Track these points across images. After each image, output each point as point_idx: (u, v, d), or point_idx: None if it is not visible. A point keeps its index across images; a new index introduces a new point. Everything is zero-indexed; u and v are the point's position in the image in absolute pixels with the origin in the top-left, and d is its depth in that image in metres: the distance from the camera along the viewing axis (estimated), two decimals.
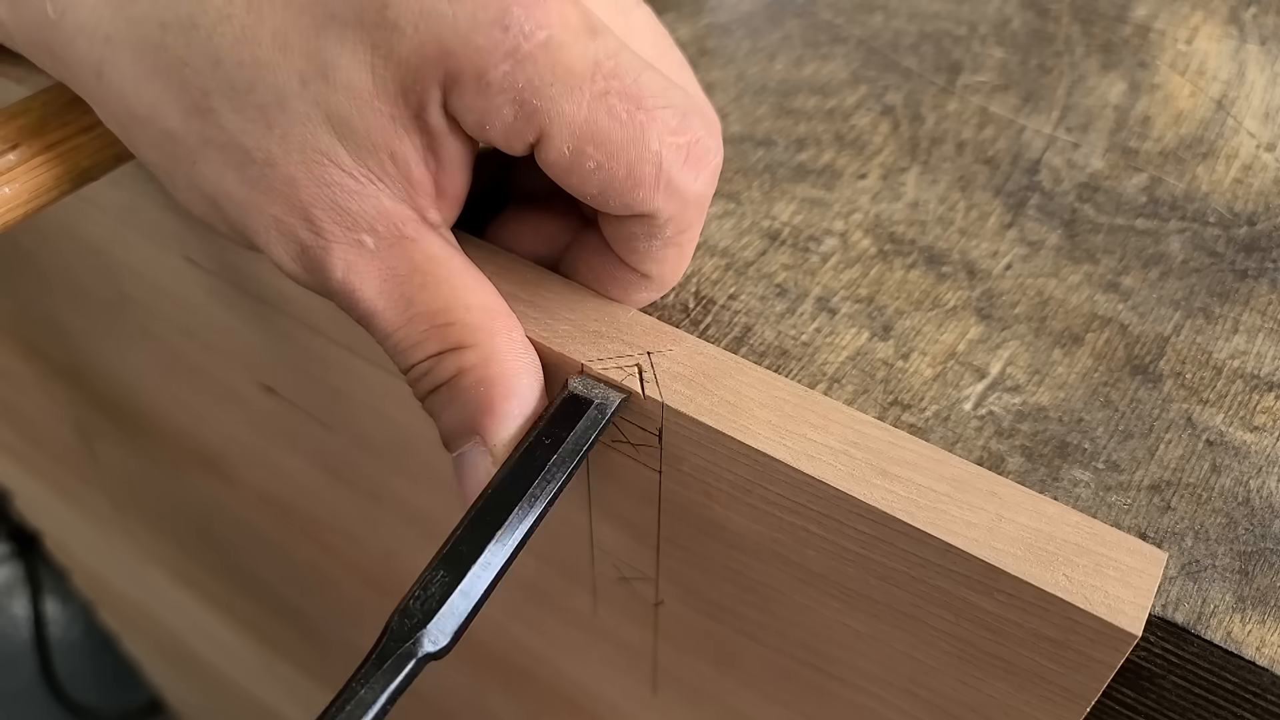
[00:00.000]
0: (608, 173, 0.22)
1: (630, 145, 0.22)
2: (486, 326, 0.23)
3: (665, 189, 0.22)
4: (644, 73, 0.22)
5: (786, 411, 0.23)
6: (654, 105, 0.22)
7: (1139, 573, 0.20)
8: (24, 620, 0.99)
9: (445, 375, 0.23)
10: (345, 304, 0.24)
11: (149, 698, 1.13)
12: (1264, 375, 0.26)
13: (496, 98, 0.21)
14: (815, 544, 0.23)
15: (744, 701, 0.31)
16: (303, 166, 0.23)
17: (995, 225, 0.30)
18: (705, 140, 0.23)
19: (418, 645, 0.20)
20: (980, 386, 0.26)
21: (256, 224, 0.24)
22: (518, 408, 0.23)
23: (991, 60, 0.37)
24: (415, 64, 0.21)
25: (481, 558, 0.21)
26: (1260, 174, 0.32)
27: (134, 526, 0.70)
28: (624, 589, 0.30)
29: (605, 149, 0.22)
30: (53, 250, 0.43)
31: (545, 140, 0.22)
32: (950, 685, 0.24)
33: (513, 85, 0.21)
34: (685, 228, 0.24)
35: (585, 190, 0.23)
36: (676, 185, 0.22)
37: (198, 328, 0.38)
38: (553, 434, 0.23)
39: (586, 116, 0.21)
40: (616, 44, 0.22)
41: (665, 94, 0.22)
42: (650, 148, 0.22)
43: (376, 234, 0.23)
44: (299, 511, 0.46)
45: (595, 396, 0.23)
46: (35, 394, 0.63)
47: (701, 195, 0.23)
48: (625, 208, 0.23)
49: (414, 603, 0.21)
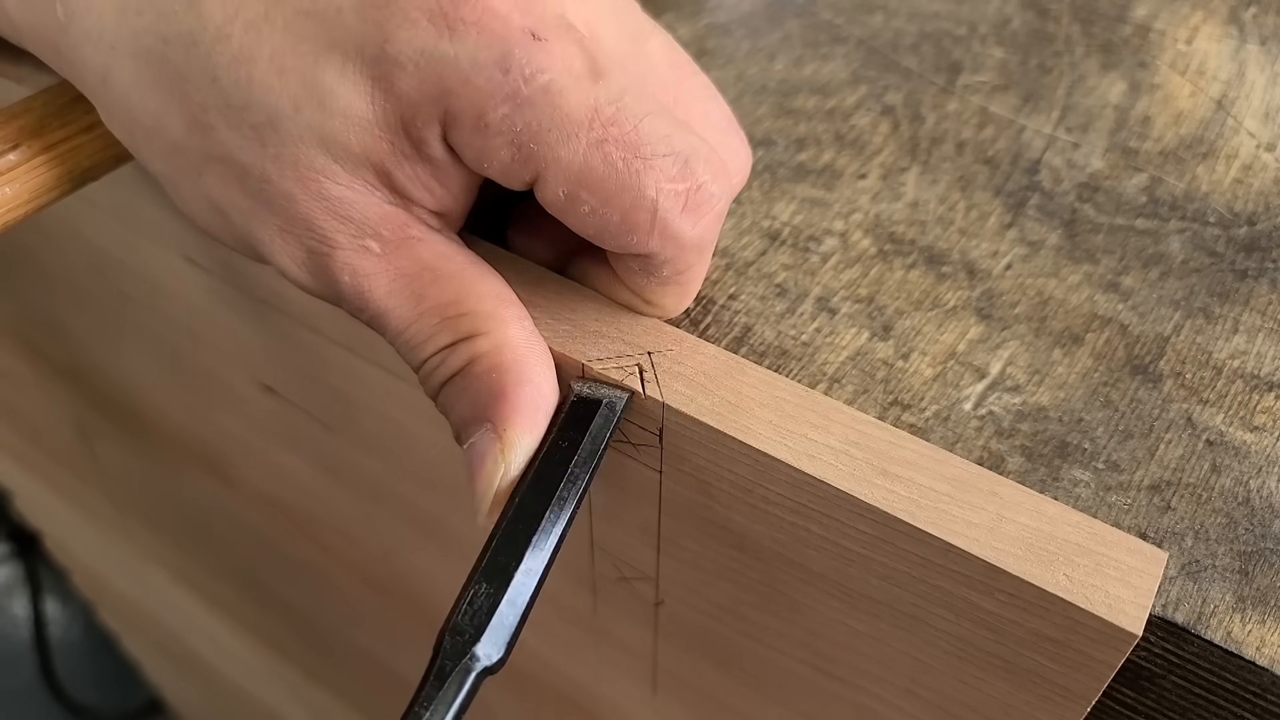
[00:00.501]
0: (602, 217, 0.22)
1: (624, 192, 0.22)
2: (499, 314, 0.23)
3: (660, 235, 0.22)
4: (646, 119, 0.22)
5: (787, 411, 0.23)
6: (652, 153, 0.22)
7: (1139, 572, 0.20)
8: (24, 620, 0.99)
9: (458, 365, 0.23)
10: (355, 307, 0.24)
11: (149, 698, 1.13)
12: (1264, 375, 0.26)
13: (494, 139, 0.21)
14: (816, 544, 0.23)
15: (744, 701, 0.31)
16: (298, 183, 0.23)
17: (995, 225, 0.30)
18: (708, 186, 0.23)
19: (474, 660, 0.20)
20: (980, 386, 0.26)
21: (262, 233, 0.24)
22: (530, 395, 0.23)
23: (991, 60, 0.37)
24: (415, 100, 0.21)
25: (522, 565, 0.21)
26: (1260, 174, 0.32)
27: (134, 526, 0.70)
28: (624, 589, 0.30)
29: (600, 195, 0.22)
30: (53, 250, 0.43)
31: (541, 182, 0.22)
32: (951, 685, 0.24)
33: (510, 128, 0.21)
34: (684, 269, 0.24)
35: (582, 230, 0.23)
36: (672, 231, 0.22)
37: (198, 328, 0.38)
38: (569, 437, 0.23)
39: (582, 163, 0.21)
40: (620, 88, 0.22)
41: (667, 141, 0.22)
42: (646, 195, 0.22)
43: (382, 238, 0.23)
44: (299, 511, 0.46)
45: (602, 396, 0.23)
46: (35, 394, 0.63)
47: (700, 240, 0.23)
48: (621, 249, 0.23)
49: (463, 619, 0.21)
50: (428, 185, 0.23)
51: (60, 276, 0.45)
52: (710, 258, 0.25)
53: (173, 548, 0.67)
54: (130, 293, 0.40)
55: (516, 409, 0.23)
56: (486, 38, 0.21)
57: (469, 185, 0.24)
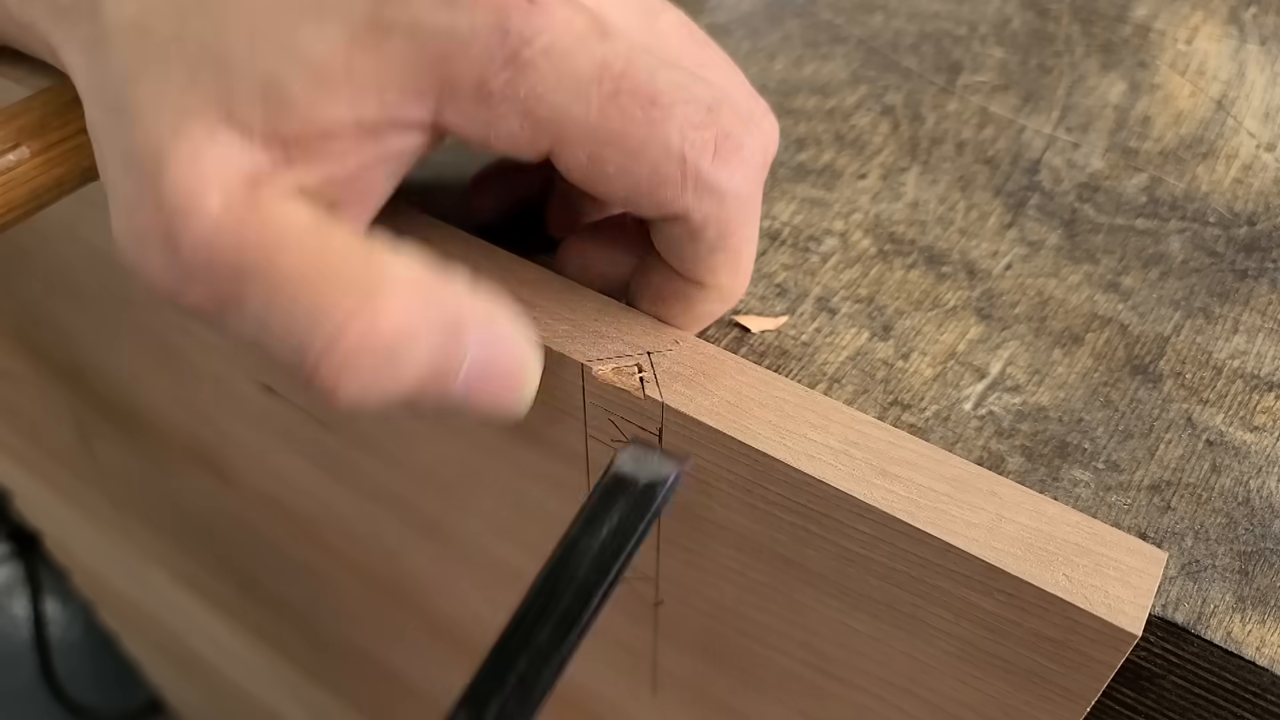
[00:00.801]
0: (631, 175, 0.21)
1: (650, 144, 0.21)
2: None
3: (695, 187, 0.21)
4: (660, 69, 0.21)
5: (786, 411, 0.23)
6: (671, 101, 0.21)
7: (1139, 572, 0.20)
8: (24, 620, 0.99)
9: None
10: None
11: (149, 698, 1.13)
12: (1264, 375, 0.26)
13: (499, 106, 0.20)
14: (815, 544, 0.23)
15: (744, 702, 0.31)
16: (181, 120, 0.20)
17: (995, 225, 0.30)
18: (737, 134, 0.21)
19: None
20: (980, 386, 0.26)
21: None
22: None
23: (991, 60, 0.37)
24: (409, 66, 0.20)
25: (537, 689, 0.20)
26: (1260, 174, 0.32)
27: (134, 526, 0.70)
28: (624, 589, 0.30)
29: (623, 151, 0.21)
30: (53, 250, 0.43)
31: (560, 148, 0.21)
32: (950, 685, 0.24)
33: (514, 93, 0.20)
34: (729, 231, 0.22)
35: (613, 195, 0.22)
36: (707, 181, 0.21)
37: (197, 327, 0.38)
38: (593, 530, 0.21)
39: (598, 120, 0.20)
40: (628, 46, 0.21)
41: (685, 88, 0.21)
42: (672, 143, 0.21)
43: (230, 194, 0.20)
44: (299, 511, 0.46)
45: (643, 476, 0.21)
46: (35, 394, 0.63)
47: (741, 193, 0.22)
48: (656, 209, 0.22)
49: None
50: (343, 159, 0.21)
51: (60, 277, 0.45)
52: (758, 226, 0.23)
53: (172, 547, 0.67)
54: (130, 293, 0.40)
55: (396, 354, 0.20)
56: (484, 5, 0.20)
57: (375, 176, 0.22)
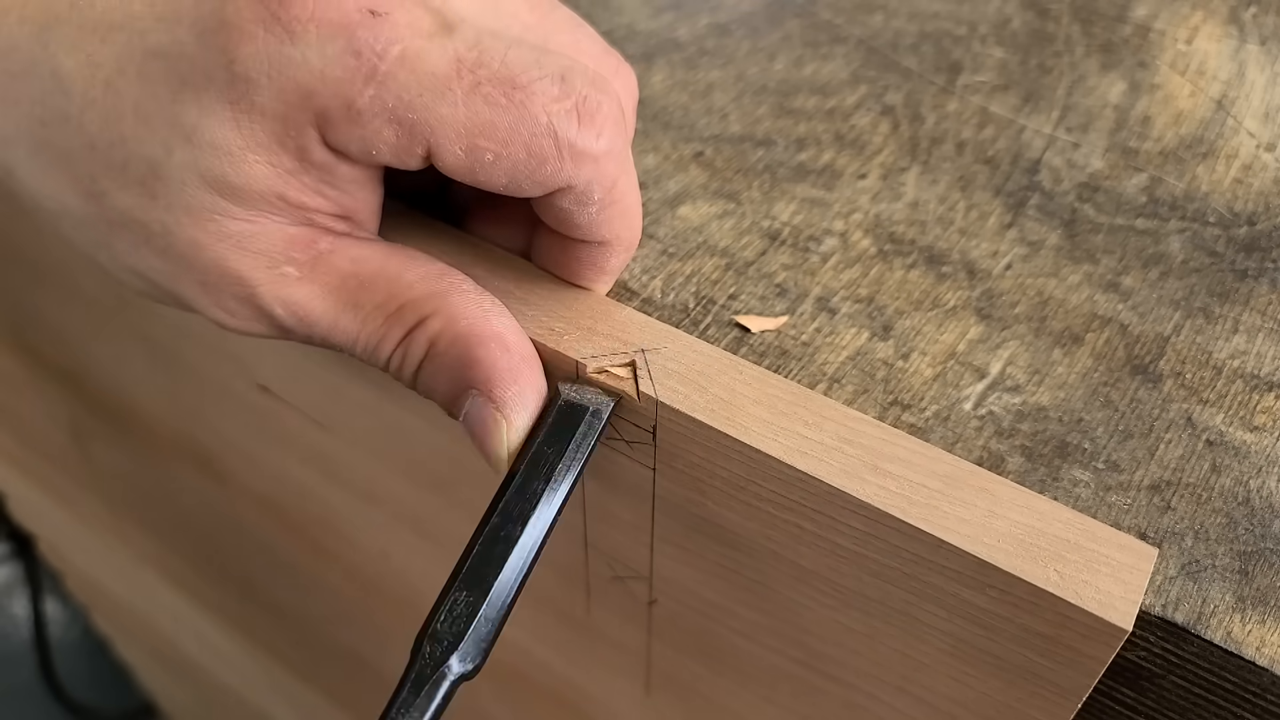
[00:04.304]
0: (508, 160, 0.22)
1: (519, 126, 0.21)
2: (436, 291, 0.23)
3: (571, 157, 0.22)
4: (510, 51, 0.22)
5: (780, 408, 0.23)
6: (529, 80, 0.21)
7: (1130, 568, 0.20)
8: (24, 620, 0.99)
9: (420, 353, 0.23)
10: (303, 335, 0.24)
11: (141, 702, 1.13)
12: (1264, 375, 0.26)
13: (372, 122, 0.21)
14: (808, 541, 0.23)
15: (737, 700, 0.31)
16: (198, 228, 0.23)
17: (995, 225, 0.30)
18: (593, 97, 0.22)
19: (450, 668, 0.21)
20: (980, 386, 0.25)
21: (186, 291, 0.24)
22: (497, 348, 0.23)
23: (991, 60, 0.36)
24: (281, 112, 0.21)
25: (501, 575, 0.22)
26: (1260, 174, 0.32)
27: (128, 529, 0.70)
28: (618, 588, 0.30)
29: (497, 138, 0.21)
30: (48, 251, 0.43)
31: (436, 148, 0.22)
32: (943, 682, 0.24)
33: (383, 106, 0.21)
34: (611, 185, 0.23)
35: (495, 183, 0.22)
36: (580, 148, 0.22)
37: (193, 328, 0.38)
38: (553, 443, 0.23)
39: (466, 113, 0.21)
40: (474, 33, 0.22)
41: (537, 64, 0.22)
42: (540, 121, 0.21)
43: (296, 261, 0.23)
44: (294, 513, 0.46)
45: (588, 403, 0.23)
46: (29, 395, 0.63)
47: (610, 150, 0.23)
48: (540, 186, 0.22)
49: (441, 626, 0.21)
50: (322, 192, 0.23)
51: (55, 278, 0.45)
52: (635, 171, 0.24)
53: (166, 549, 0.67)
54: (126, 294, 0.40)
55: (492, 367, 0.23)
56: (327, 29, 0.21)
57: (365, 180, 0.24)
